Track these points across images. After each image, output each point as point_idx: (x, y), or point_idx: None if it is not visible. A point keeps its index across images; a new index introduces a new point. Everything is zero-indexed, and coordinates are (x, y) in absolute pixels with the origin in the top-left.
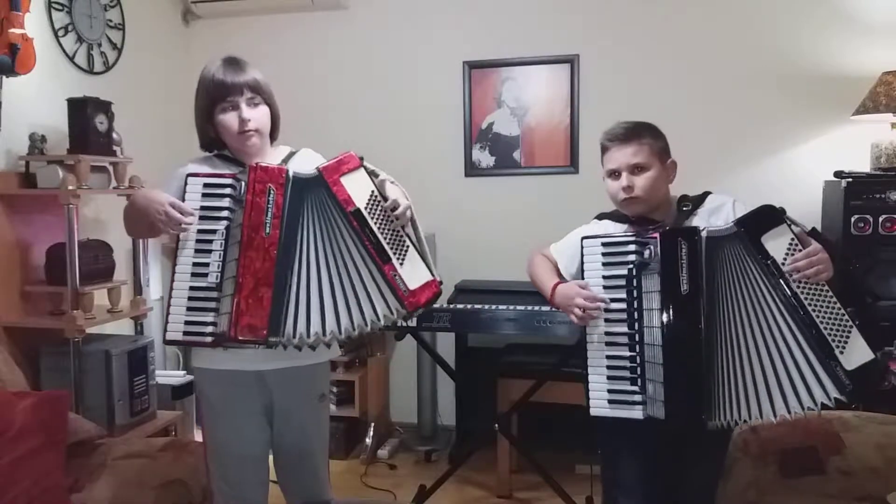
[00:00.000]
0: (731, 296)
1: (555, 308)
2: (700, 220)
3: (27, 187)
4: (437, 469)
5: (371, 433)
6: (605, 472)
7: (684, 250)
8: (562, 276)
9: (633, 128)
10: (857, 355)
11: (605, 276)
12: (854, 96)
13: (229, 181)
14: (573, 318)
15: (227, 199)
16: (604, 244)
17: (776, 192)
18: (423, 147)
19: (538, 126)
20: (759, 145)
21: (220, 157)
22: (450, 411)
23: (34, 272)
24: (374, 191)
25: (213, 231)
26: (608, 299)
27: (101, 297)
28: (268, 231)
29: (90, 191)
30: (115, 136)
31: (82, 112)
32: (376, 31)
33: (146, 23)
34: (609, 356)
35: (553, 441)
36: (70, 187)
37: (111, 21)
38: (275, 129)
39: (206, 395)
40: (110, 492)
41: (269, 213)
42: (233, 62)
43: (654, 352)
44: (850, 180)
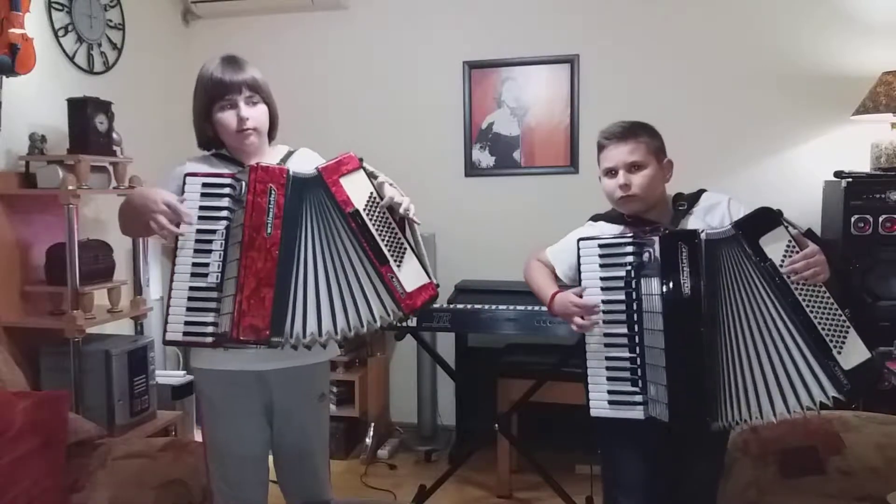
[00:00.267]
0: (730, 298)
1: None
2: (696, 219)
3: (27, 187)
4: (437, 469)
5: (371, 433)
6: (605, 472)
7: (685, 253)
8: (560, 280)
9: (630, 126)
10: (854, 355)
11: (603, 278)
12: (854, 96)
13: (228, 181)
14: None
15: (227, 198)
16: (601, 245)
17: (776, 192)
18: (423, 147)
19: (538, 126)
20: (759, 145)
21: (218, 156)
22: (450, 411)
23: (34, 272)
24: (372, 192)
25: (213, 231)
26: (602, 308)
27: (101, 297)
28: (269, 231)
29: (90, 191)
30: (115, 136)
31: (82, 112)
32: (376, 31)
33: (146, 23)
34: (608, 357)
35: (553, 441)
36: (70, 187)
37: (111, 21)
38: (273, 129)
39: (207, 396)
40: (110, 492)
41: (271, 214)
42: (231, 61)
43: (656, 354)
44: (850, 180)
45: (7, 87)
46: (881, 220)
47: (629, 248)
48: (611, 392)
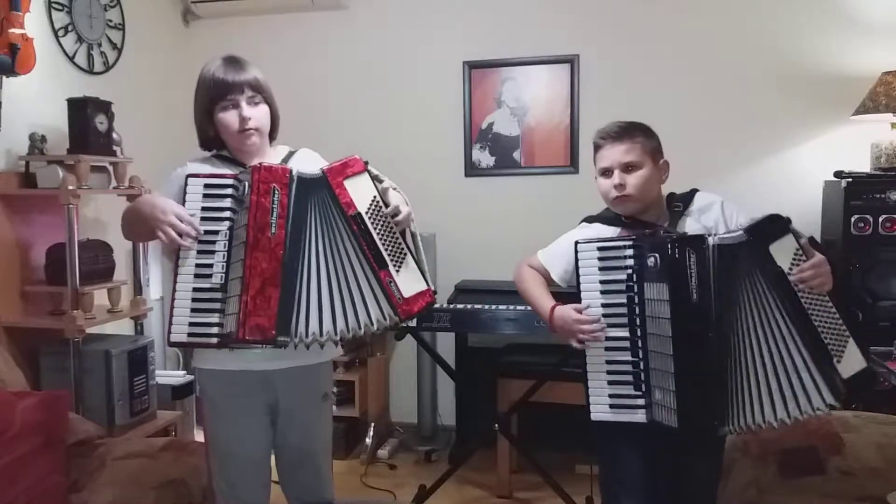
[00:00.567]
0: (739, 304)
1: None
2: (692, 220)
3: (27, 187)
4: (437, 469)
5: (371, 433)
6: (603, 473)
7: (693, 259)
8: (555, 284)
9: (626, 127)
10: (852, 364)
11: (602, 281)
12: (854, 96)
13: (230, 181)
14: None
15: (229, 199)
16: (599, 248)
17: (776, 192)
18: (423, 147)
19: (538, 126)
20: (759, 145)
21: (220, 157)
22: (450, 411)
23: (34, 272)
24: (376, 196)
25: (216, 232)
26: (601, 312)
27: (101, 297)
28: (273, 231)
29: (90, 191)
30: (115, 136)
31: (82, 112)
32: (376, 31)
33: (146, 23)
34: (609, 360)
35: (553, 441)
36: (70, 187)
37: (111, 21)
38: (274, 129)
39: (210, 396)
40: (110, 492)
41: (275, 214)
42: (233, 61)
43: (663, 359)
44: (850, 180)
45: (7, 87)
46: (881, 220)
47: (629, 251)
48: (612, 396)
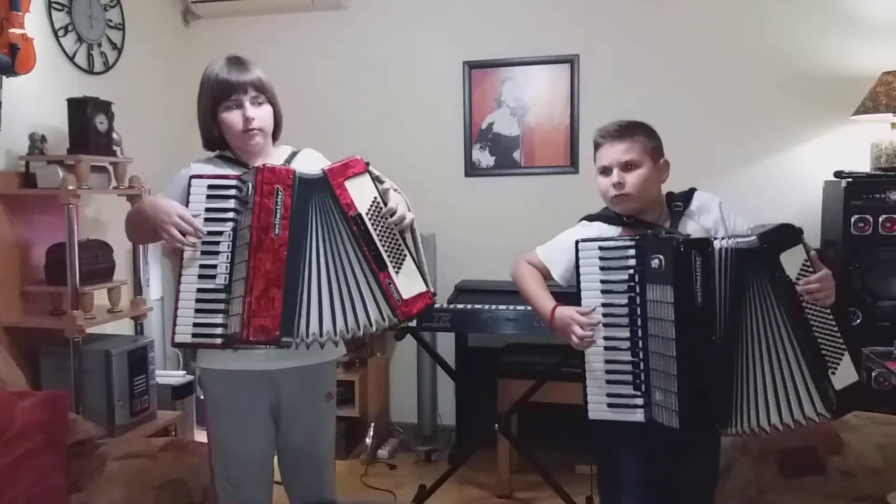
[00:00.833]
0: (745, 308)
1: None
2: (691, 220)
3: (27, 187)
4: (437, 469)
5: (371, 433)
6: (601, 473)
7: (698, 262)
8: (553, 282)
9: (626, 126)
10: (846, 377)
11: (604, 281)
12: (854, 96)
13: (234, 182)
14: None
15: (233, 200)
16: (601, 248)
17: (776, 192)
18: (423, 147)
19: (538, 126)
20: (759, 145)
21: (223, 157)
22: (450, 411)
23: (34, 272)
24: (376, 197)
25: (220, 233)
26: (601, 311)
27: (101, 297)
28: (277, 232)
29: (90, 191)
30: (115, 136)
31: (82, 112)
32: (376, 31)
33: (146, 23)
34: (608, 360)
35: (553, 441)
36: (70, 187)
37: (111, 21)
38: (277, 129)
39: (213, 396)
40: (110, 492)
41: (278, 215)
42: (237, 61)
43: (665, 361)
44: (850, 180)
45: (7, 87)
46: (881, 220)
47: (631, 252)
48: (610, 395)
